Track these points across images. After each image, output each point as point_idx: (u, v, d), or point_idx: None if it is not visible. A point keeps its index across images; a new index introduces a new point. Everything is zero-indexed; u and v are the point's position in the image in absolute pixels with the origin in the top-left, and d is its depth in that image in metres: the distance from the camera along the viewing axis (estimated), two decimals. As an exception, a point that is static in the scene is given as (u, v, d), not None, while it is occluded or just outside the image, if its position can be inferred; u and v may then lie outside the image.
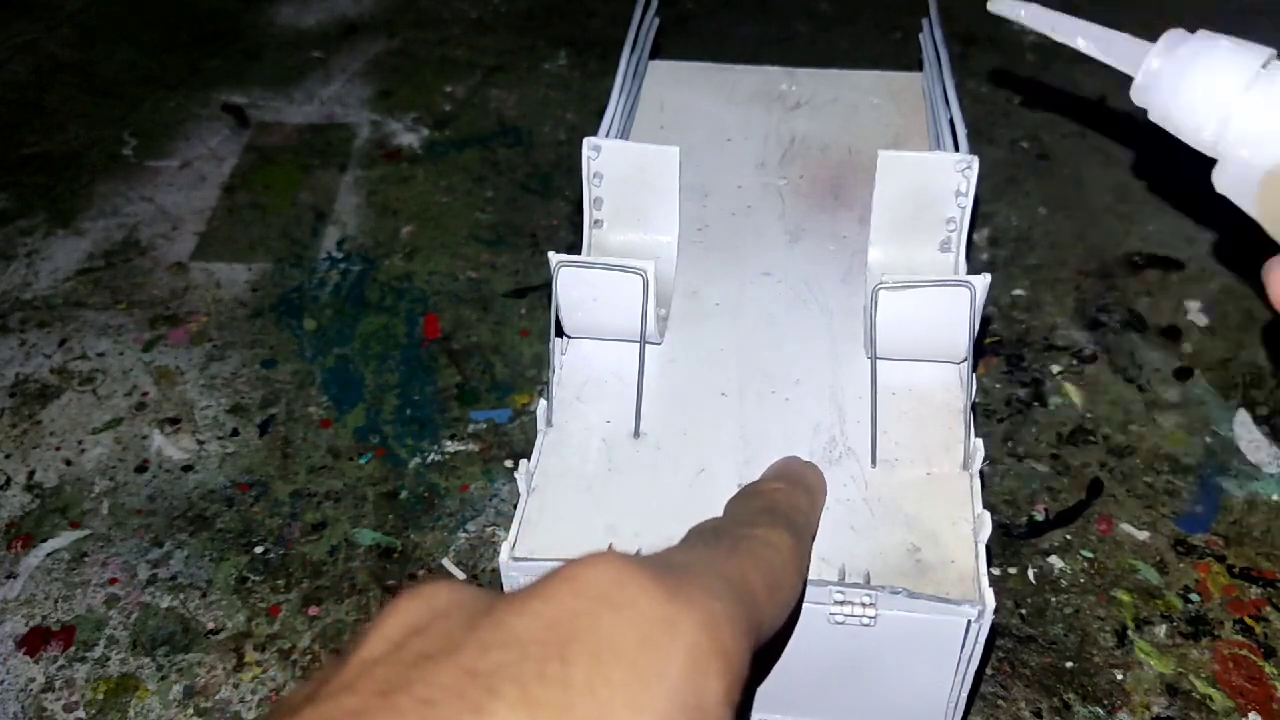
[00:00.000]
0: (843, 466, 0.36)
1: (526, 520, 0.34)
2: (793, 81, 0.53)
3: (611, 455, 0.36)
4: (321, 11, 0.82)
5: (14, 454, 0.52)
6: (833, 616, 0.32)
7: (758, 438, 0.37)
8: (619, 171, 0.41)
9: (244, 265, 0.61)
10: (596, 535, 0.33)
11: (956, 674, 0.33)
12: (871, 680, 0.34)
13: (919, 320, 0.37)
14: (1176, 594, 0.44)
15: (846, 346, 0.40)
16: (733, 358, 0.40)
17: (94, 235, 0.64)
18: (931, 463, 0.36)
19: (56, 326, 0.58)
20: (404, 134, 0.70)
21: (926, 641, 0.32)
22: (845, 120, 0.51)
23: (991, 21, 0.82)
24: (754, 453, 0.36)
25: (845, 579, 0.32)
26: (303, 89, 0.75)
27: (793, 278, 0.43)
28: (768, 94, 0.52)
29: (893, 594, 0.31)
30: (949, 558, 0.33)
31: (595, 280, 0.37)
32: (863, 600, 0.31)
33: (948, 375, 0.39)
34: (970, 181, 0.40)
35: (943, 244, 0.41)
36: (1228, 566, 0.45)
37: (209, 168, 0.68)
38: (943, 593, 0.32)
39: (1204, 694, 0.41)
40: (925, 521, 0.34)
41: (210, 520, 0.48)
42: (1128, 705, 0.40)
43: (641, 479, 0.35)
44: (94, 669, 0.43)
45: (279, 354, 0.56)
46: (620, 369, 0.39)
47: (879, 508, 0.35)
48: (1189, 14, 0.43)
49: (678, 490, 0.35)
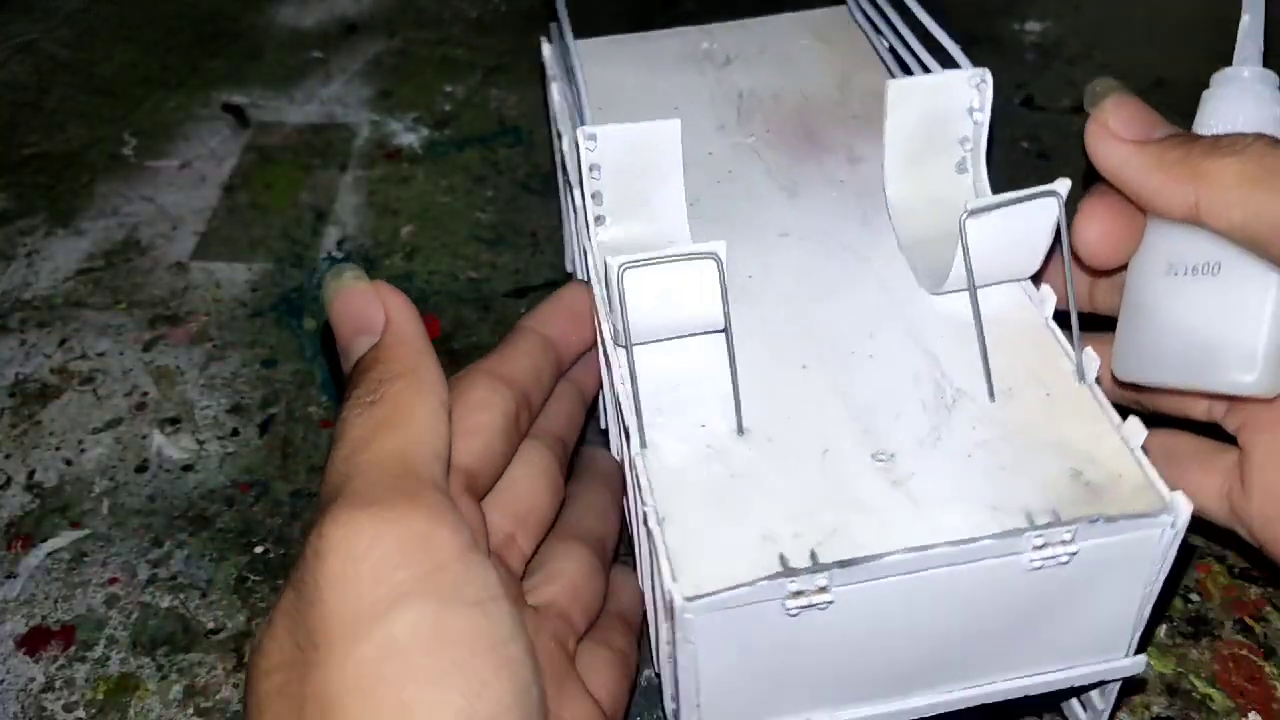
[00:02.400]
0: (961, 409, 0.34)
1: (675, 554, 0.30)
2: (712, 39, 0.51)
3: (725, 460, 0.33)
4: (322, 11, 0.82)
5: (14, 454, 0.52)
6: (1033, 563, 0.30)
7: (863, 403, 0.35)
8: (617, 159, 0.38)
9: (244, 265, 0.61)
10: (755, 549, 0.30)
11: (1149, 587, 0.32)
12: (1054, 619, 0.33)
13: (1003, 240, 0.35)
14: (1176, 594, 0.44)
15: (900, 289, 0.38)
16: (793, 327, 0.38)
17: (94, 235, 0.64)
18: (1045, 383, 0.35)
19: (56, 326, 0.58)
20: (404, 134, 0.70)
21: (1121, 563, 0.31)
22: (783, 67, 0.50)
23: (992, 21, 0.83)
24: (868, 420, 0.34)
25: (1035, 523, 0.31)
26: (303, 89, 0.75)
27: (811, 232, 0.41)
28: (693, 55, 0.51)
29: (1091, 523, 0.30)
30: (1115, 472, 0.32)
31: (665, 276, 0.34)
32: (1062, 539, 0.30)
33: (1013, 293, 0.37)
34: (985, 96, 0.39)
35: (959, 165, 0.40)
36: (1228, 567, 0.45)
37: (209, 167, 0.68)
38: (1129, 509, 0.31)
39: (1204, 694, 0.41)
40: (1072, 443, 0.33)
41: (210, 520, 0.48)
42: (1127, 705, 0.40)
43: (770, 477, 0.33)
44: (94, 669, 0.43)
45: (279, 354, 0.56)
46: (689, 367, 0.36)
47: (1019, 441, 0.33)
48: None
49: (812, 479, 0.33)
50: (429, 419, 0.30)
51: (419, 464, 0.29)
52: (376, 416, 0.30)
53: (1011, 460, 0.33)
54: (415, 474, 0.29)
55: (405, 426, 0.30)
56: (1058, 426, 0.33)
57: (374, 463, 0.29)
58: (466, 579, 0.27)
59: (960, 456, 0.33)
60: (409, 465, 0.29)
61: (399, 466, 0.29)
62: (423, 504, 0.28)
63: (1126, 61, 0.72)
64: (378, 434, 0.29)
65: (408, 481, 0.28)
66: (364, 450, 0.29)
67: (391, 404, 0.30)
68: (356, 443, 0.29)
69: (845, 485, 0.33)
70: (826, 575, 0.29)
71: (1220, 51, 0.37)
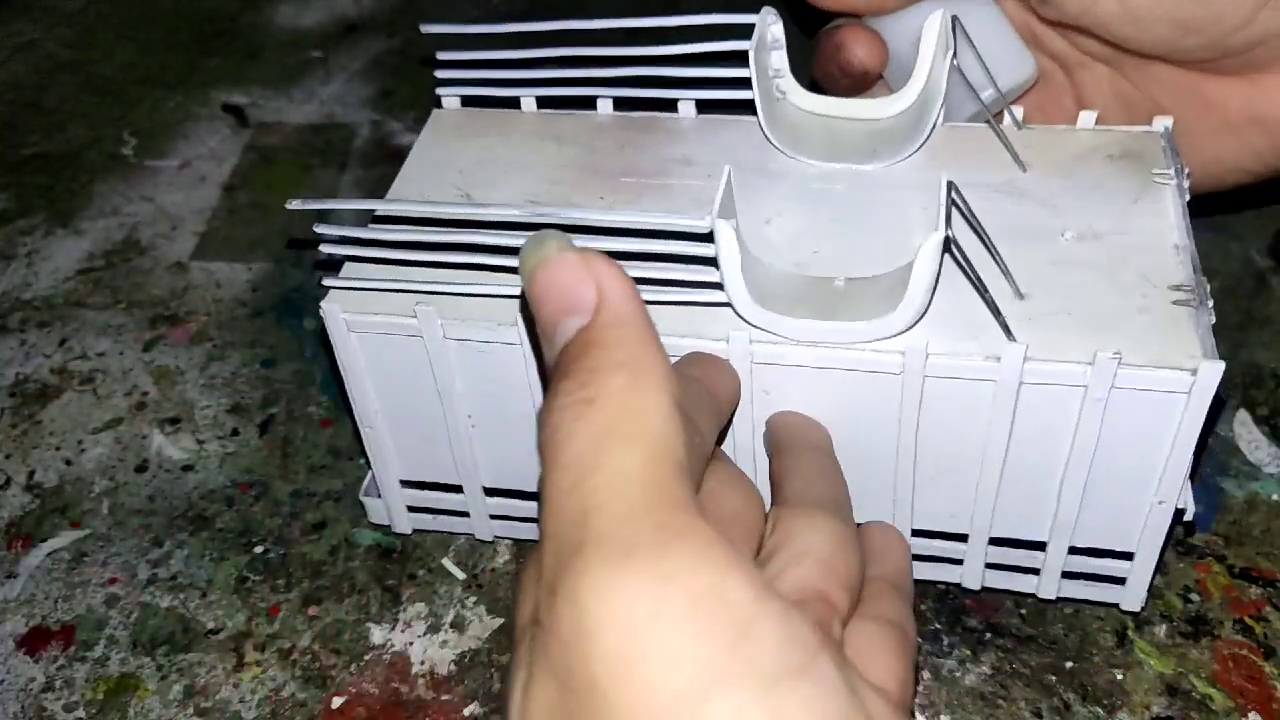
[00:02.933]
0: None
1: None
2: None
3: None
4: (321, 11, 0.82)
5: (14, 454, 0.52)
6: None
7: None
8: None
9: (244, 265, 0.61)
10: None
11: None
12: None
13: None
14: (1176, 594, 0.44)
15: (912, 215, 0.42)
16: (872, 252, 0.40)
17: (94, 235, 0.64)
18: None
19: (56, 326, 0.58)
20: (404, 134, 0.70)
21: (1158, 407, 0.35)
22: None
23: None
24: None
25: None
26: (303, 88, 0.75)
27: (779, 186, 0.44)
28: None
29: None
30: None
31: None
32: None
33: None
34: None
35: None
36: (1228, 566, 0.45)
37: (209, 167, 0.68)
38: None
39: (1204, 694, 0.41)
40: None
41: (210, 520, 0.48)
42: (1127, 705, 0.40)
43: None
44: (94, 669, 0.43)
45: (279, 354, 0.56)
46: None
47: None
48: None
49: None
50: (663, 424, 0.24)
51: (672, 486, 0.23)
52: (598, 422, 0.24)
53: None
54: (672, 501, 0.23)
55: (640, 436, 0.24)
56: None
57: (615, 491, 0.23)
58: (780, 639, 0.21)
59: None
60: (662, 490, 0.23)
61: (649, 494, 0.23)
62: (695, 544, 0.22)
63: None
64: (607, 447, 0.23)
65: (665, 513, 0.23)
66: (595, 472, 0.23)
67: (616, 404, 0.24)
68: (582, 461, 0.23)
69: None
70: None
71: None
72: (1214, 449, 0.49)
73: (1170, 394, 0.34)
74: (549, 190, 0.44)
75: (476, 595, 0.44)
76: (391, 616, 0.44)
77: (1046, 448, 0.37)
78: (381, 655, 0.43)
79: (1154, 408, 0.35)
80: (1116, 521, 0.39)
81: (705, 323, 0.37)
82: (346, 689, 0.42)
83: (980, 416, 0.36)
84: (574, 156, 0.45)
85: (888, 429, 0.37)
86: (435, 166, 0.45)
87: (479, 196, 0.43)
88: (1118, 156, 0.43)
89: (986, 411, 0.36)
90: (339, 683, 0.42)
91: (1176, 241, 0.39)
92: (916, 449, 0.38)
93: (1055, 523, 0.39)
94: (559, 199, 0.43)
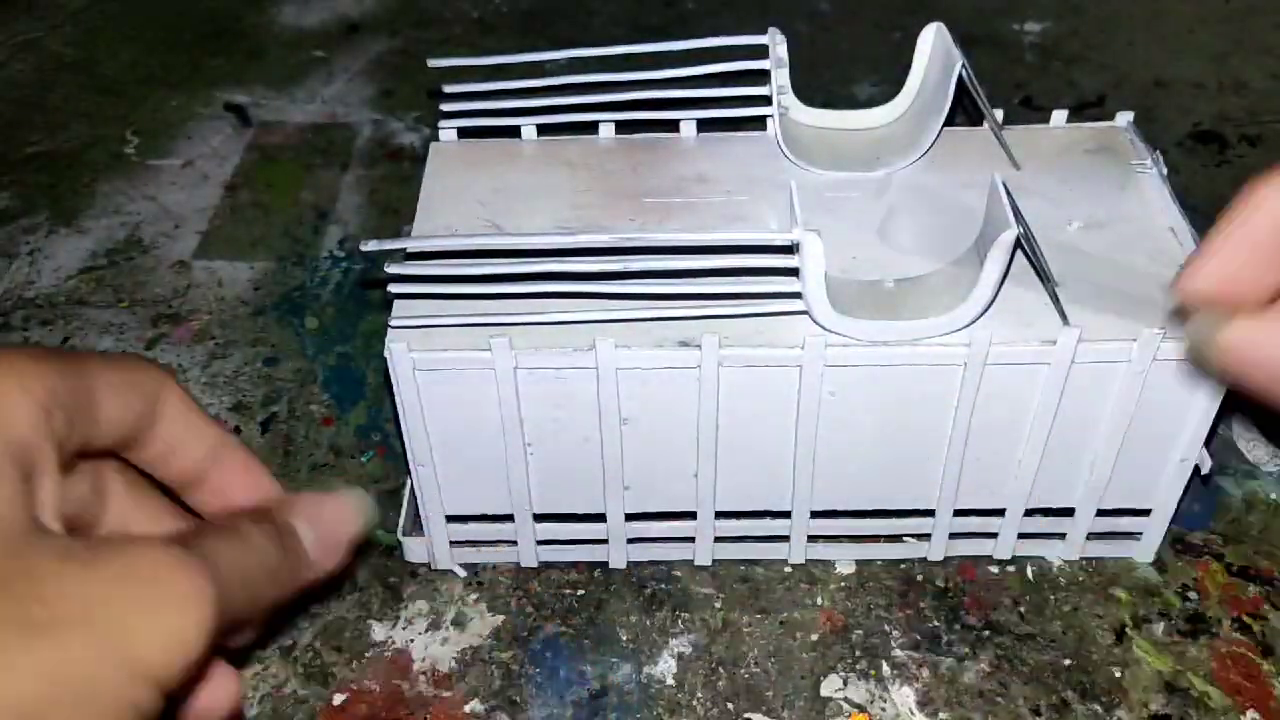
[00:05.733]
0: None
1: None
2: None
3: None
4: (323, 11, 0.83)
5: (17, 451, 0.52)
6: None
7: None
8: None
9: (246, 264, 0.61)
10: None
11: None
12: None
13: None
14: (1175, 592, 0.44)
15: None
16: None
17: (96, 234, 0.64)
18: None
19: (59, 325, 0.58)
20: (405, 133, 0.70)
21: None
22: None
23: (991, 22, 0.83)
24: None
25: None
26: (305, 88, 0.75)
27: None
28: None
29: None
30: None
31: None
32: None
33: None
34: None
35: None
36: (1226, 565, 0.45)
37: (211, 166, 0.68)
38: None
39: (1202, 691, 0.41)
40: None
41: (212, 518, 0.48)
42: (1126, 702, 0.40)
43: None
44: (97, 665, 0.43)
45: (281, 352, 0.56)
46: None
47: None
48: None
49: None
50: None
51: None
52: None
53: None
54: None
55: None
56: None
57: None
58: None
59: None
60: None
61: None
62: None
63: (1126, 62, 0.72)
64: None
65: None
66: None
67: None
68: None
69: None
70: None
71: (1218, 52, 0.38)
72: (1213, 449, 0.49)
73: None
74: (577, 215, 0.44)
75: (477, 593, 0.45)
76: (393, 614, 0.44)
77: (1086, 419, 0.40)
78: (383, 652, 0.43)
79: (1186, 375, 0.38)
80: (1141, 481, 0.42)
81: (780, 331, 0.38)
82: (348, 686, 0.42)
83: (1030, 397, 0.39)
84: (590, 181, 0.46)
85: (942, 417, 0.39)
86: (453, 199, 0.45)
87: (506, 225, 0.43)
88: (1094, 150, 0.46)
89: (1037, 392, 0.39)
90: (340, 680, 0.42)
91: (1170, 224, 0.42)
92: (969, 434, 0.40)
93: (1087, 488, 0.42)
94: (589, 223, 0.43)
